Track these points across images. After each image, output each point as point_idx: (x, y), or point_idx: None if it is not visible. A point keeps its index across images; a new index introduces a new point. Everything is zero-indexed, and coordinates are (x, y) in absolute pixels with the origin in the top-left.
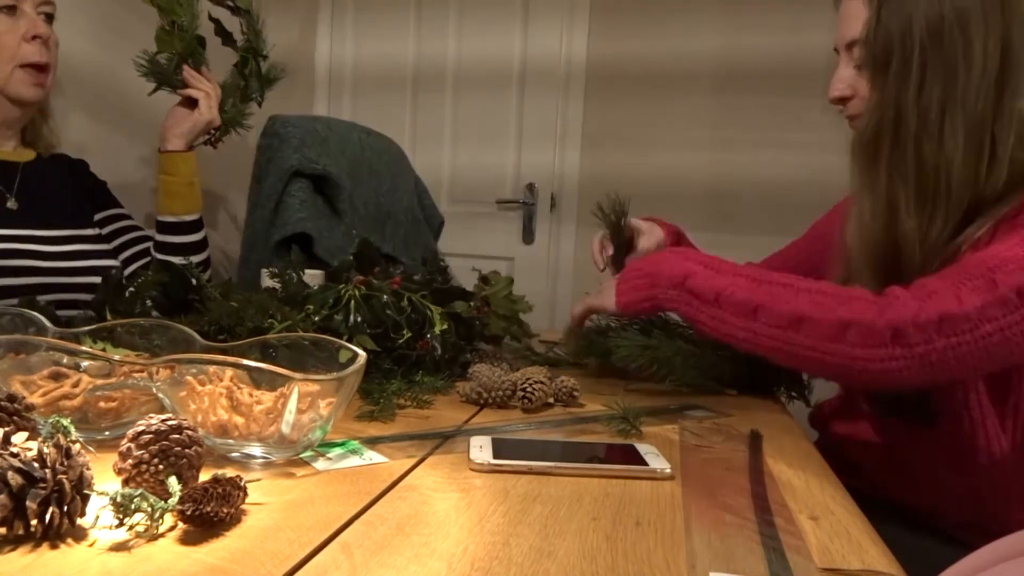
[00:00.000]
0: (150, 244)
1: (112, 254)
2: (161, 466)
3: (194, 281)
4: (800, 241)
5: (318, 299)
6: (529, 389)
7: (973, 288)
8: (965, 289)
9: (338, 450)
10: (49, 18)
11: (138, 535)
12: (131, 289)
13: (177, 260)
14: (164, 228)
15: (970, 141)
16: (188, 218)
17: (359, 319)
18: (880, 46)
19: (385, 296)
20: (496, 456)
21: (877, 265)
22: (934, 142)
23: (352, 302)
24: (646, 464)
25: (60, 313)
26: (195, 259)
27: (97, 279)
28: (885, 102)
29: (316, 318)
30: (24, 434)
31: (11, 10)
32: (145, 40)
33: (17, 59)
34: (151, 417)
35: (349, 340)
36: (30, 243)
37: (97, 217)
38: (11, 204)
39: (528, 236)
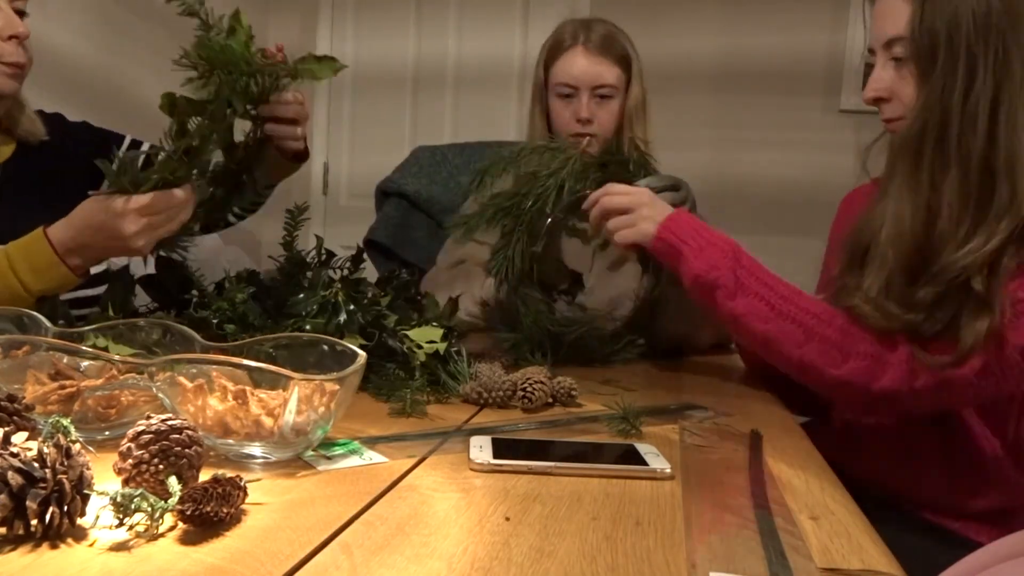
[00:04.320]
0: None
1: None
2: (161, 466)
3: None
4: (828, 258)
5: (301, 306)
6: (529, 389)
7: (982, 357)
8: (975, 361)
9: (338, 450)
10: (21, 13)
11: (138, 535)
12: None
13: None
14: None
15: None
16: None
17: (345, 318)
18: (926, 42)
19: (370, 293)
20: (496, 456)
21: (912, 266)
22: (981, 139)
23: (339, 300)
24: (646, 464)
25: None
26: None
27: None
28: (931, 101)
29: (308, 327)
30: (24, 434)
31: None
32: (146, 39)
33: None
34: (151, 417)
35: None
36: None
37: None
38: None
39: None
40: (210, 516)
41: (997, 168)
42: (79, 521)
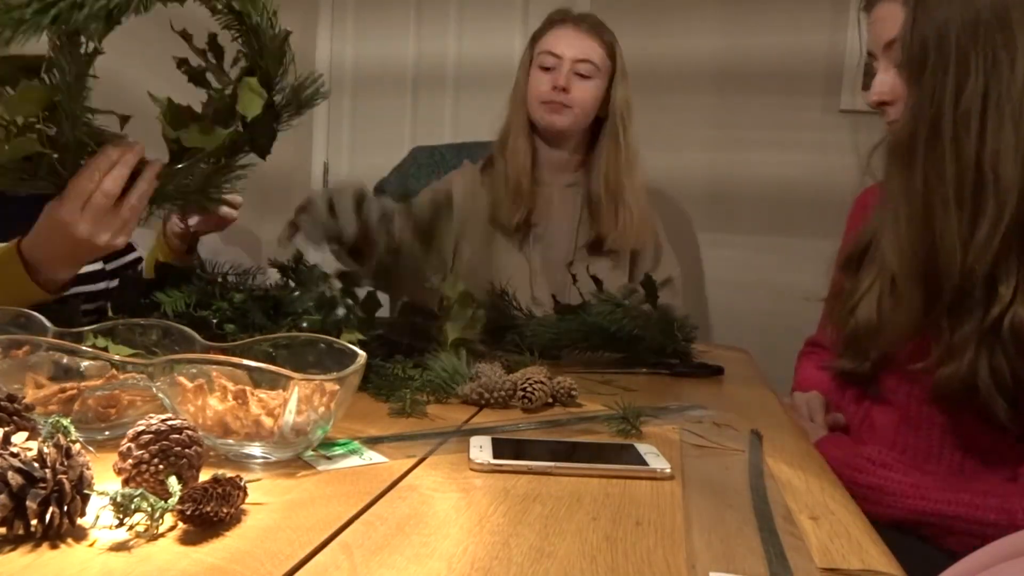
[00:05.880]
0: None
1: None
2: (161, 466)
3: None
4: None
5: (298, 303)
6: (529, 389)
7: None
8: None
9: (338, 450)
10: None
11: (138, 535)
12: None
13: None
14: None
15: (1019, 135)
16: None
17: (344, 313)
18: (916, 46)
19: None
20: (496, 456)
21: (917, 273)
22: (974, 137)
23: (336, 295)
24: (646, 464)
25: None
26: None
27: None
28: (922, 102)
29: (305, 323)
30: (24, 434)
31: None
32: (146, 38)
33: None
34: (151, 417)
35: (338, 336)
36: None
37: None
38: None
39: None
40: (210, 516)
41: (985, 164)
42: (79, 521)
